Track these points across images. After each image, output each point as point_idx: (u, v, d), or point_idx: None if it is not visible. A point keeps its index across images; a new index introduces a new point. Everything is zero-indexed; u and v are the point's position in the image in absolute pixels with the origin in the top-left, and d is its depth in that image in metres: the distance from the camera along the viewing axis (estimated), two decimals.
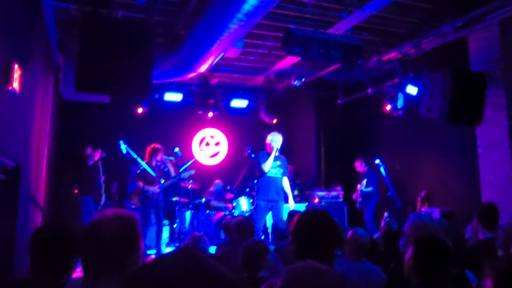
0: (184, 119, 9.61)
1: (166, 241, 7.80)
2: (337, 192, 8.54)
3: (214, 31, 5.36)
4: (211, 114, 9.05)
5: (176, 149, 7.81)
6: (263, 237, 7.05)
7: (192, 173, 7.75)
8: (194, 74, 7.06)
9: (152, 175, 7.00)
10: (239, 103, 9.46)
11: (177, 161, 7.67)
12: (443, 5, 5.88)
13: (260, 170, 6.61)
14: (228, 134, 10.50)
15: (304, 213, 2.19)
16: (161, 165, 7.27)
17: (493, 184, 5.82)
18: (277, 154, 6.64)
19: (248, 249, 3.04)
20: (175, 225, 8.10)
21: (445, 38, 6.31)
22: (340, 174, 9.44)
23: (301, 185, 9.21)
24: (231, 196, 8.63)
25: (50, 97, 6.31)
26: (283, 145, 6.87)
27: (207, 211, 8.33)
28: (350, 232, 3.23)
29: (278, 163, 6.67)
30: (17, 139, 3.87)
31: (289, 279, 1.21)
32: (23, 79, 3.59)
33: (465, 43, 6.21)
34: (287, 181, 6.78)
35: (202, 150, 10.30)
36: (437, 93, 5.56)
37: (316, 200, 8.32)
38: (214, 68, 7.62)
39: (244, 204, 8.09)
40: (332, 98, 8.90)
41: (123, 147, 7.13)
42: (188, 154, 9.24)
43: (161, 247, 7.10)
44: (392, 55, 7.14)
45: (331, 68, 8.18)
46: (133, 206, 7.03)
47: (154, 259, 1.05)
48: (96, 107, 8.22)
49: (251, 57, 7.77)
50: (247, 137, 9.09)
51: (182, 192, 8.28)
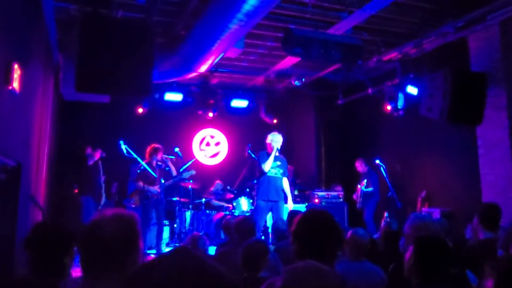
0: (184, 119, 9.61)
1: (166, 241, 7.80)
2: (337, 192, 8.54)
3: (214, 31, 5.36)
4: (211, 114, 9.06)
5: (176, 149, 7.82)
6: (263, 237, 7.05)
7: (193, 173, 7.76)
8: (194, 74, 7.06)
9: (153, 175, 7.00)
10: (239, 103, 9.46)
11: (177, 161, 7.67)
12: (443, 5, 5.87)
13: (260, 170, 6.61)
14: (228, 134, 10.50)
15: (305, 213, 2.19)
16: (162, 164, 7.28)
17: (493, 184, 5.82)
18: (277, 154, 6.63)
19: (248, 249, 3.03)
20: (175, 225, 8.11)
21: (446, 38, 6.31)
22: (340, 174, 9.43)
23: (301, 185, 9.21)
24: (231, 196, 8.63)
25: (50, 97, 6.31)
26: (283, 145, 6.87)
27: (207, 211, 8.33)
28: (350, 232, 3.22)
29: (278, 163, 6.67)
30: (17, 138, 3.87)
31: (289, 279, 1.20)
32: (23, 79, 3.59)
33: (465, 43, 6.21)
34: (286, 181, 6.78)
35: (202, 150, 10.30)
36: (437, 93, 5.55)
37: (316, 200, 8.31)
38: (214, 68, 7.62)
39: (244, 204, 8.09)
40: (332, 98, 8.90)
41: (123, 147, 7.13)
42: (188, 154, 9.24)
43: (161, 247, 7.10)
44: (393, 55, 7.13)
45: (331, 68, 8.17)
46: (133, 205, 7.03)
47: (153, 259, 1.05)
48: (96, 107, 8.22)
49: (251, 57, 7.77)
50: (247, 137, 9.09)
51: (182, 192, 8.28)
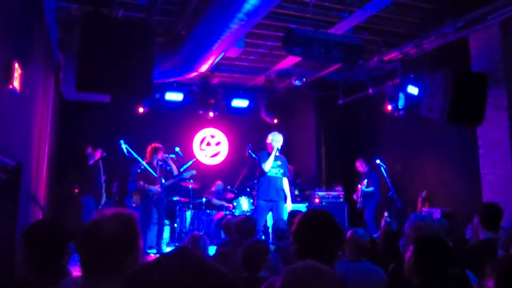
0: (185, 119, 9.61)
1: (167, 240, 7.80)
2: (337, 192, 8.54)
3: (215, 31, 5.36)
4: (211, 114, 9.06)
5: (177, 149, 7.82)
6: (263, 237, 7.05)
7: (194, 173, 7.76)
8: (195, 73, 7.06)
9: (153, 175, 7.00)
10: (239, 103, 9.46)
11: (178, 160, 7.67)
12: (444, 5, 5.87)
13: (260, 170, 6.61)
14: (228, 134, 10.50)
15: (306, 213, 2.19)
16: (162, 164, 7.27)
17: (493, 184, 5.82)
18: (277, 154, 6.63)
19: (248, 249, 3.03)
20: (175, 225, 8.11)
21: (446, 38, 6.31)
22: (341, 174, 9.43)
23: (302, 185, 9.21)
24: (232, 196, 8.62)
25: (50, 97, 6.31)
26: (283, 145, 6.87)
27: (207, 211, 8.33)
28: (350, 232, 3.22)
29: (279, 163, 6.67)
30: (17, 138, 3.88)
31: (288, 278, 1.20)
32: (24, 78, 3.59)
33: (466, 43, 6.20)
34: (287, 181, 6.77)
35: (203, 149, 10.30)
36: (438, 93, 5.55)
37: (317, 200, 8.31)
38: (215, 68, 7.62)
39: (244, 204, 8.09)
40: (333, 98, 8.90)
41: (124, 146, 7.13)
42: (188, 154, 9.24)
43: (162, 246, 7.10)
44: (393, 55, 7.13)
45: (332, 68, 8.17)
46: (133, 204, 7.04)
47: (153, 259, 1.05)
48: (96, 106, 8.23)
49: (252, 57, 7.77)
50: (248, 137, 9.08)
51: (183, 192, 8.28)
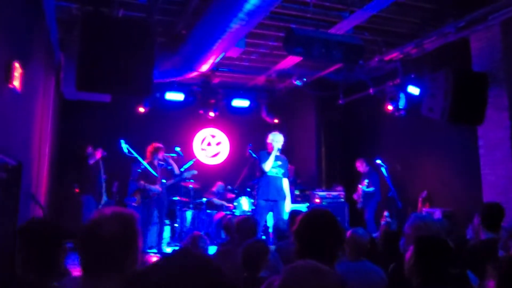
0: (185, 119, 9.61)
1: (167, 240, 7.79)
2: (338, 192, 8.53)
3: (215, 31, 5.36)
4: (212, 114, 9.05)
5: (177, 149, 7.81)
6: (263, 237, 7.04)
7: (195, 173, 7.75)
8: (195, 73, 7.06)
9: (154, 174, 6.99)
10: (240, 102, 9.45)
11: (178, 160, 7.67)
12: (444, 5, 5.86)
13: (260, 170, 6.60)
14: (229, 134, 10.50)
15: (307, 213, 2.18)
16: (164, 164, 7.26)
17: (494, 184, 5.81)
18: (278, 154, 6.62)
19: (248, 248, 3.03)
20: (176, 225, 8.10)
21: (447, 38, 6.29)
22: (341, 174, 9.42)
23: (302, 185, 9.20)
24: (233, 196, 8.62)
25: (51, 96, 6.31)
26: (284, 145, 6.85)
27: (208, 211, 8.33)
28: (349, 232, 3.21)
29: (279, 163, 6.65)
30: (18, 137, 3.88)
31: (287, 278, 1.20)
32: (24, 78, 3.59)
33: (467, 43, 6.19)
34: (287, 182, 6.76)
35: (203, 149, 10.30)
36: (438, 93, 5.54)
37: (317, 200, 8.30)
38: (215, 68, 7.61)
39: (245, 203, 8.08)
40: (333, 98, 8.89)
41: (124, 146, 7.12)
42: (189, 154, 9.24)
43: (162, 246, 7.09)
44: (394, 55, 7.12)
45: (333, 68, 8.16)
46: (134, 204, 7.03)
47: (156, 260, 1.05)
48: (97, 106, 8.22)
49: (252, 57, 7.77)
50: (248, 136, 9.08)
51: (183, 192, 8.27)
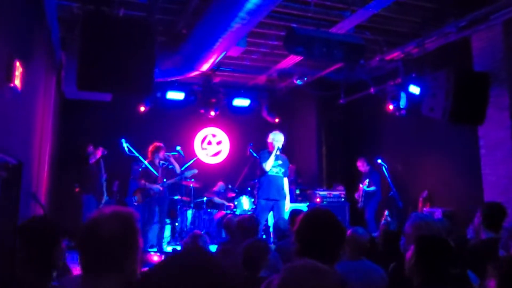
0: (186, 118, 9.61)
1: (168, 239, 7.80)
2: (338, 192, 8.52)
3: (216, 30, 5.35)
4: (213, 113, 9.03)
5: (178, 148, 7.82)
6: (264, 236, 7.05)
7: (195, 172, 7.75)
8: (196, 72, 7.05)
9: (155, 173, 6.99)
10: (241, 102, 9.44)
11: (179, 159, 7.67)
12: (446, 4, 5.85)
13: (261, 169, 6.60)
14: (230, 133, 10.50)
15: (308, 212, 2.18)
16: (165, 163, 7.26)
17: (495, 184, 5.80)
18: (278, 153, 6.62)
19: (248, 248, 3.03)
20: (176, 224, 8.11)
21: (448, 38, 6.29)
22: (342, 174, 9.42)
23: (303, 185, 9.20)
24: (233, 195, 8.62)
25: (52, 95, 6.31)
26: (285, 145, 6.85)
27: (208, 210, 8.33)
28: (349, 231, 3.21)
29: (280, 162, 6.66)
30: (18, 137, 3.88)
31: (287, 277, 1.20)
32: (25, 77, 3.59)
33: (468, 43, 6.18)
34: (286, 182, 6.76)
35: (204, 149, 10.30)
36: (440, 93, 5.53)
37: (318, 200, 8.30)
38: (216, 67, 7.61)
39: (245, 203, 8.09)
40: (334, 98, 8.89)
41: (125, 145, 7.12)
42: (190, 153, 9.24)
43: (163, 245, 7.10)
44: (395, 54, 7.11)
45: (334, 68, 8.15)
46: (135, 203, 7.03)
47: (163, 258, 1.06)
48: (98, 105, 8.23)
49: (253, 56, 7.76)
50: (249, 136, 9.08)
51: (184, 191, 8.27)
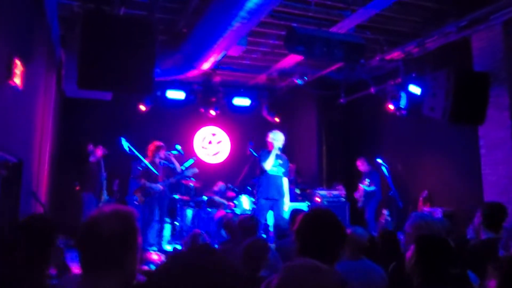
0: (186, 117, 9.60)
1: (168, 239, 7.79)
2: (338, 191, 8.52)
3: (216, 29, 5.35)
4: (213, 112, 9.02)
5: (178, 147, 7.81)
6: (264, 236, 7.04)
7: (196, 171, 7.74)
8: (196, 72, 7.05)
9: (155, 172, 6.98)
10: (241, 101, 9.44)
11: (178, 158, 7.66)
12: (446, 4, 5.86)
13: (261, 168, 6.60)
14: (230, 132, 10.49)
15: (309, 212, 2.18)
16: (165, 162, 7.25)
17: (495, 184, 5.80)
18: (278, 152, 6.62)
19: (248, 247, 3.03)
20: (176, 223, 8.10)
21: (448, 37, 6.28)
22: (342, 173, 9.42)
23: (303, 184, 9.19)
24: (233, 194, 8.61)
25: (52, 94, 6.31)
26: (285, 144, 6.85)
27: (208, 209, 8.32)
28: (348, 231, 3.21)
29: (280, 161, 6.65)
30: (19, 135, 3.88)
31: (286, 276, 1.20)
32: (25, 75, 3.59)
33: (468, 43, 6.18)
34: (286, 181, 6.76)
35: (204, 148, 10.30)
36: (440, 92, 5.53)
37: (318, 199, 8.29)
38: (216, 66, 7.60)
39: (245, 202, 8.08)
40: (334, 97, 8.88)
41: (125, 144, 7.11)
42: (189, 152, 9.23)
43: (163, 244, 7.09)
44: (395, 54, 7.11)
45: (334, 67, 8.15)
46: (136, 202, 7.02)
47: (171, 255, 1.06)
48: (98, 104, 8.23)
49: (253, 55, 7.76)
50: (249, 135, 9.06)
51: (184, 190, 8.27)
